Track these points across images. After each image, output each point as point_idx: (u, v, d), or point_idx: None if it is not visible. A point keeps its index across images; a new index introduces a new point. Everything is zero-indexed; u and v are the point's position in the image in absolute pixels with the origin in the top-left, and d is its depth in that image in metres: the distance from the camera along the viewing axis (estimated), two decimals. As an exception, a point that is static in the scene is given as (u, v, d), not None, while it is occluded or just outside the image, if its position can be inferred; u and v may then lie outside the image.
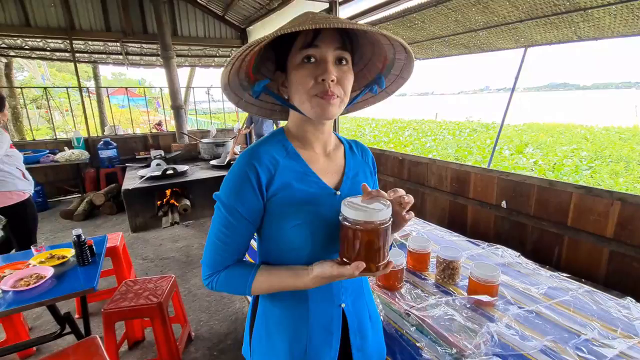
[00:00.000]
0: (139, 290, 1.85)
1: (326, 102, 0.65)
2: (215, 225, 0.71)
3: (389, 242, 0.64)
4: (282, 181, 0.69)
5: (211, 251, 0.72)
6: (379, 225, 0.59)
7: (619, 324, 1.07)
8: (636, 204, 1.67)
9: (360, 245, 0.60)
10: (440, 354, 0.94)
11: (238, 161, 0.70)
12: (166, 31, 5.09)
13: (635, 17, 2.17)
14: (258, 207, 0.69)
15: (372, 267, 0.61)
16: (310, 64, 0.64)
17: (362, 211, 0.59)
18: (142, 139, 5.90)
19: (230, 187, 0.69)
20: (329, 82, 0.63)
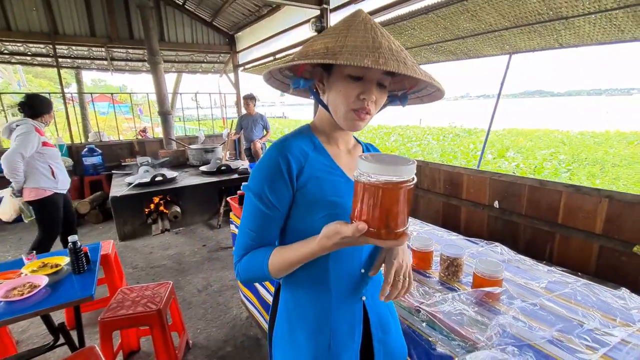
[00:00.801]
0: (136, 297, 1.80)
1: (359, 120, 0.70)
2: (247, 215, 0.73)
3: (407, 207, 0.55)
4: (311, 173, 0.71)
5: (242, 239, 0.74)
6: (395, 182, 0.51)
7: (618, 314, 1.12)
8: (623, 201, 1.77)
9: (370, 205, 0.53)
10: (454, 348, 0.96)
11: (269, 152, 0.72)
12: (153, 36, 5.03)
13: (612, 25, 2.30)
14: (288, 197, 0.70)
15: (381, 233, 0.53)
16: (356, 80, 0.67)
17: (377, 165, 0.52)
18: (127, 146, 5.77)
19: (262, 176, 0.70)
20: (368, 102, 0.68)
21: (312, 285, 0.76)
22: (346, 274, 0.76)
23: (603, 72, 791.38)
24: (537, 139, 12.45)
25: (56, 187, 2.63)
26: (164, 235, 3.94)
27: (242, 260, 0.74)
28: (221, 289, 2.75)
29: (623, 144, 10.87)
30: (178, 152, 5.49)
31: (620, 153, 9.48)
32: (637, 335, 1.02)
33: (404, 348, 0.91)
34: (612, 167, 8.04)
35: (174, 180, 4.30)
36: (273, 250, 0.70)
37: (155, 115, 5.53)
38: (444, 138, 13.52)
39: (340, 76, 0.68)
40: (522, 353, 0.86)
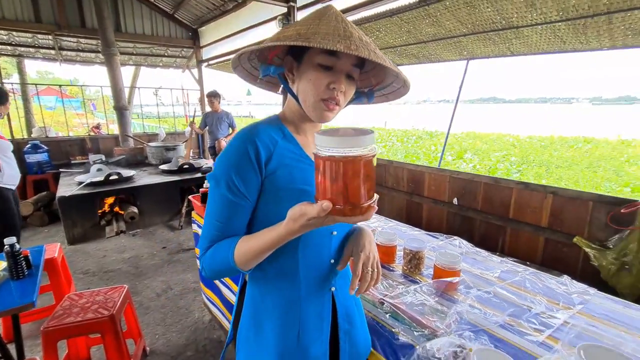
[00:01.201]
0: (85, 303, 1.66)
1: (328, 110, 0.69)
2: (212, 205, 0.69)
3: (370, 179, 0.54)
4: (280, 160, 0.70)
5: (207, 231, 0.70)
6: (354, 155, 0.49)
7: (560, 298, 1.22)
8: (565, 197, 1.94)
9: (331, 181, 0.51)
10: (416, 337, 0.99)
11: (236, 138, 0.69)
12: (108, 26, 4.71)
13: (556, 36, 2.51)
14: (257, 184, 0.68)
15: (346, 210, 0.51)
16: (327, 69, 0.67)
17: (333, 138, 0.50)
18: (78, 143, 5.35)
19: (229, 163, 0.67)
20: (338, 92, 0.67)
21: (280, 278, 0.74)
22: (316, 264, 0.75)
23: (548, 81, 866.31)
24: (492, 142, 13.32)
25: (1, 181, 2.48)
26: (119, 237, 3.70)
27: (207, 253, 0.70)
28: (182, 292, 2.63)
29: (565, 147, 11.95)
30: (136, 149, 5.18)
31: (563, 156, 10.41)
32: (577, 316, 1.12)
33: (368, 340, 0.92)
34: (555, 169, 8.79)
35: (130, 180, 4.05)
36: (239, 240, 0.67)
37: (111, 110, 5.17)
38: (408, 140, 14.01)
39: (311, 65, 0.68)
40: (477, 337, 0.90)
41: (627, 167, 8.62)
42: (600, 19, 2.15)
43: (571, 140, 13.34)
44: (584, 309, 1.16)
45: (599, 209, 1.90)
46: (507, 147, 12.12)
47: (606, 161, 9.34)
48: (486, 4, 2.34)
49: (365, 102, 0.86)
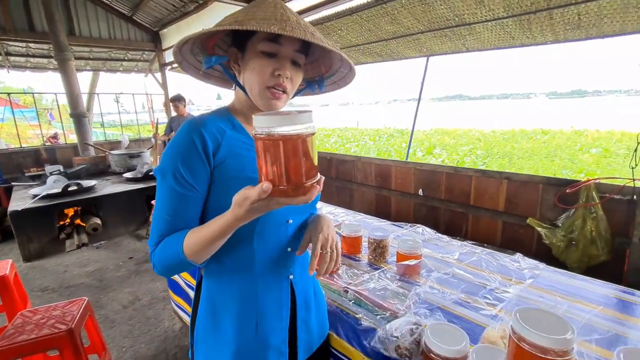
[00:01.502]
0: (41, 319, 1.56)
1: (275, 98, 0.69)
2: (161, 200, 0.67)
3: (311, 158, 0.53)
4: (229, 150, 0.69)
5: (157, 227, 0.68)
6: (291, 134, 0.49)
7: (513, 274, 1.30)
8: (518, 181, 2.06)
9: (270, 162, 0.50)
10: (377, 320, 1.01)
11: (182, 129, 0.67)
12: (60, 30, 4.45)
13: (505, 32, 2.66)
14: (205, 175, 0.67)
15: (288, 190, 0.51)
16: (270, 56, 0.67)
17: (269, 118, 0.49)
18: (32, 154, 5.02)
19: (175, 154, 0.66)
20: (283, 78, 0.67)
21: (237, 269, 0.73)
22: (272, 253, 0.75)
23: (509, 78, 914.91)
24: (459, 137, 13.86)
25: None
26: (81, 251, 3.50)
27: (157, 248, 0.68)
28: (151, 301, 2.53)
29: (525, 139, 12.66)
30: (97, 158, 4.94)
31: (523, 147, 11.02)
32: (527, 289, 1.19)
33: (324, 329, 0.93)
34: (517, 159, 9.28)
35: (91, 190, 3.85)
36: (188, 232, 0.65)
37: (70, 120, 4.89)
38: (380, 138, 14.29)
39: (254, 53, 0.67)
40: (432, 314, 0.94)
41: (580, 155, 9.26)
42: (542, 15, 2.30)
43: (530, 133, 14.16)
44: (534, 282, 1.24)
45: (548, 190, 2.04)
46: (472, 141, 12.67)
47: (562, 150, 10.00)
48: (439, 1, 2.44)
49: (317, 91, 0.87)
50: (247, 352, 0.73)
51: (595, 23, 2.29)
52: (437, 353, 0.77)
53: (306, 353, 0.85)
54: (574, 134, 13.00)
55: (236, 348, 0.72)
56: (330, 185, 3.66)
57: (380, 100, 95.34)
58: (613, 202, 1.79)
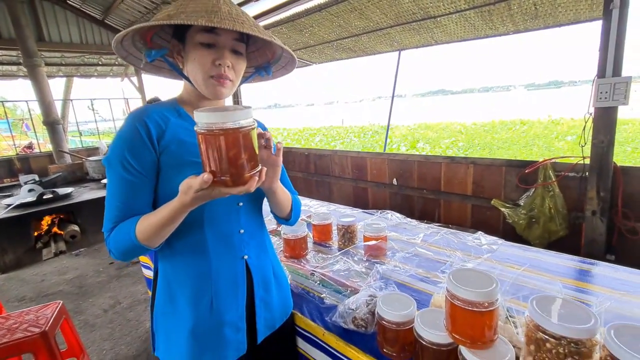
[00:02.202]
0: (13, 324, 1.55)
1: (220, 85, 0.71)
2: (111, 188, 0.70)
3: (249, 151, 0.57)
4: (174, 136, 0.72)
5: (109, 214, 0.71)
6: (230, 128, 0.52)
7: (472, 250, 1.36)
8: (483, 165, 2.15)
9: (211, 155, 0.54)
10: (339, 297, 1.06)
11: (126, 120, 0.71)
12: (28, 36, 4.35)
13: (469, 24, 2.75)
14: (151, 160, 0.70)
15: (227, 181, 0.55)
16: (209, 46, 0.69)
17: (210, 114, 0.52)
18: (5, 164, 4.88)
19: (121, 144, 0.68)
20: (224, 67, 0.70)
21: (189, 252, 0.76)
22: (224, 237, 0.78)
23: (490, 71, 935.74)
24: (441, 131, 14.12)
25: None
26: (59, 259, 3.44)
27: (111, 234, 0.70)
28: (132, 304, 2.52)
29: (504, 130, 12.99)
30: (74, 165, 4.83)
31: (503, 137, 11.32)
32: (484, 263, 1.26)
33: (287, 307, 0.96)
34: (497, 150, 9.53)
35: (68, 197, 3.78)
36: (140, 218, 0.68)
37: (45, 129, 4.77)
38: (364, 135, 14.41)
39: (193, 45, 0.70)
40: (387, 287, 0.99)
41: (556, 142, 9.57)
42: (501, 6, 2.40)
43: (510, 124, 14.53)
44: (491, 256, 1.31)
45: (510, 172, 2.13)
46: (455, 134, 12.93)
47: (539, 139, 10.32)
48: (403, -5, 2.51)
49: (266, 76, 0.91)
50: (203, 329, 0.76)
51: (551, 12, 2.40)
52: (388, 319, 0.81)
53: (267, 329, 0.88)
54: (551, 123, 13.42)
55: (193, 325, 0.75)
56: (309, 180, 3.70)
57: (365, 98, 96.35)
58: (567, 179, 1.89)
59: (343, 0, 2.68)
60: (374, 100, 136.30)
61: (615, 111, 1.66)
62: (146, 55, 0.74)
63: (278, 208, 0.86)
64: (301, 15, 3.08)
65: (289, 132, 17.99)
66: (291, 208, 0.90)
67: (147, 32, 0.73)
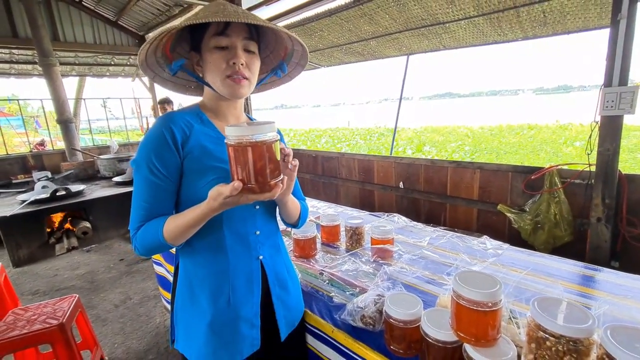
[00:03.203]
0: (32, 316, 1.62)
1: (237, 84, 0.76)
2: (138, 189, 0.75)
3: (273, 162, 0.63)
4: (197, 142, 0.77)
5: (136, 213, 0.76)
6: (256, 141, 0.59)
7: (478, 254, 1.39)
8: (490, 170, 2.17)
9: (240, 165, 0.60)
10: (348, 296, 1.10)
11: (154, 125, 0.76)
12: (44, 35, 4.46)
13: (477, 30, 2.78)
14: (176, 164, 0.75)
15: (254, 188, 0.62)
16: (222, 49, 0.75)
17: (238, 128, 0.59)
18: (19, 161, 5.01)
19: (148, 148, 0.74)
20: (239, 65, 0.75)
21: (209, 251, 0.81)
22: (241, 237, 0.83)
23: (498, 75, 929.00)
24: (448, 134, 14.07)
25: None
26: (71, 255, 3.52)
27: (138, 232, 0.76)
28: (142, 300, 2.59)
29: (512, 134, 12.92)
30: (85, 163, 4.94)
31: (510, 142, 11.26)
32: (489, 267, 1.29)
33: (300, 305, 1.01)
34: (504, 154, 9.49)
35: (80, 194, 3.87)
36: (167, 219, 0.74)
37: (57, 126, 4.88)
38: (370, 137, 14.43)
39: (209, 51, 0.75)
40: (394, 287, 1.03)
41: (564, 148, 9.50)
42: (510, 13, 2.42)
43: (517, 128, 14.44)
44: (496, 260, 1.33)
45: (517, 178, 2.15)
46: (461, 137, 12.88)
47: (547, 144, 10.25)
48: (413, 2, 2.55)
49: (284, 76, 0.95)
50: (220, 322, 0.80)
51: (559, 20, 2.42)
52: (395, 318, 0.85)
53: (289, 328, 0.93)
54: (559, 128, 13.31)
55: (211, 319, 0.80)
56: (317, 182, 3.75)
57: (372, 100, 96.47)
58: (573, 186, 1.91)
59: (353, 6, 2.73)
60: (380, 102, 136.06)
61: (621, 119, 1.69)
62: (169, 69, 0.79)
63: (287, 216, 0.92)
64: (311, 19, 3.13)
65: (295, 133, 18.08)
66: (299, 216, 0.96)
67: (166, 43, 0.77)
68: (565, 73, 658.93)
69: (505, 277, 1.19)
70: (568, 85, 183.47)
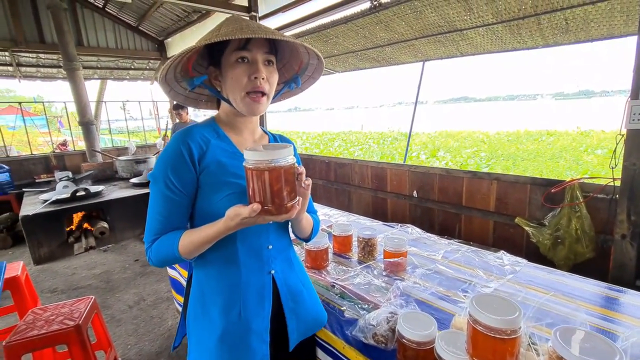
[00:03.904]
0: (50, 316, 1.66)
1: (256, 103, 0.77)
2: (154, 202, 0.77)
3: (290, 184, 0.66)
4: (213, 157, 0.78)
5: (151, 225, 0.78)
6: (274, 166, 0.61)
7: (494, 270, 1.35)
8: (507, 182, 2.11)
9: (258, 187, 0.62)
10: (359, 311, 1.08)
11: (172, 140, 0.77)
12: (69, 41, 4.63)
13: (496, 37, 2.73)
14: (192, 180, 0.76)
15: (272, 209, 0.63)
16: (244, 63, 0.76)
17: (257, 152, 0.61)
18: (42, 161, 5.18)
19: (165, 163, 0.75)
20: (260, 80, 0.75)
21: (222, 264, 0.82)
22: (254, 251, 0.83)
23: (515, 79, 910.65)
24: (463, 140, 13.83)
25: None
26: (89, 254, 3.62)
27: (153, 245, 0.77)
28: (155, 302, 2.63)
29: (530, 141, 12.59)
30: (105, 164, 5.08)
31: (528, 148, 10.96)
32: (507, 284, 1.25)
33: (320, 316, 1.00)
34: (521, 161, 9.24)
35: (99, 195, 3.98)
36: (183, 233, 0.76)
37: (78, 127, 5.05)
38: (384, 142, 14.33)
39: (229, 65, 0.76)
40: (408, 305, 1.01)
41: (585, 156, 9.18)
42: (530, 20, 2.37)
43: (535, 134, 14.06)
44: (513, 277, 1.30)
45: (535, 190, 2.09)
46: (477, 143, 12.64)
47: (567, 152, 9.93)
48: (430, 9, 2.52)
49: (296, 89, 0.95)
50: (231, 336, 0.81)
51: (582, 27, 2.34)
52: (408, 338, 0.83)
53: (300, 336, 0.93)
54: (580, 135, 12.89)
55: (222, 331, 0.80)
56: (329, 188, 3.74)
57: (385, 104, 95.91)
58: (596, 200, 1.84)
59: (369, 13, 2.72)
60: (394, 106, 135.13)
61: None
62: (189, 84, 0.80)
63: (300, 231, 0.92)
64: (327, 26, 3.14)
65: (307, 136, 18.14)
66: (311, 231, 0.96)
67: (189, 60, 0.78)
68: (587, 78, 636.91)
69: (525, 297, 1.15)
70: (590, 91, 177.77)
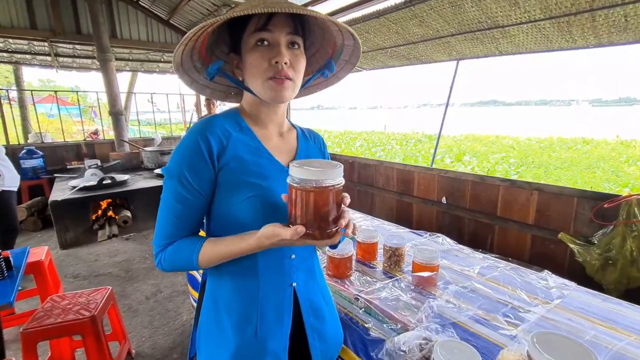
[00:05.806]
0: (67, 305, 1.65)
1: (280, 86, 0.66)
2: (166, 201, 0.69)
3: (337, 207, 0.60)
4: (234, 153, 0.69)
5: (163, 227, 0.69)
6: (324, 187, 0.55)
7: (539, 293, 1.21)
8: (550, 193, 1.93)
9: (303, 208, 0.56)
10: (387, 331, 0.97)
11: (189, 132, 0.69)
12: (103, 32, 4.76)
13: (542, 35, 2.52)
14: (209, 178, 0.68)
15: (315, 234, 0.57)
16: (263, 46, 0.66)
17: (306, 170, 0.55)
18: (74, 148, 5.37)
19: (181, 158, 0.67)
20: (282, 65, 0.65)
21: (239, 275, 0.73)
22: (275, 262, 0.74)
23: (548, 84, 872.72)
24: (490, 144, 13.30)
25: (3, 185, 2.65)
26: (111, 241, 3.69)
27: (167, 250, 0.69)
28: (172, 294, 2.62)
29: (564, 148, 11.93)
30: (131, 154, 5.20)
31: (561, 157, 10.39)
32: (554, 310, 1.10)
33: (339, 336, 0.90)
34: (554, 170, 8.76)
35: (124, 184, 4.05)
36: (205, 242, 0.67)
37: (109, 117, 5.20)
38: (407, 143, 14.03)
39: (249, 50, 0.67)
40: (444, 330, 0.89)
41: (625, 167, 8.58)
42: (584, 17, 2.15)
43: (570, 142, 13.33)
44: (561, 303, 1.14)
45: (583, 204, 1.89)
46: (505, 149, 12.12)
47: (605, 162, 9.32)
48: (470, 3, 2.35)
49: (332, 76, 0.84)
50: (245, 354, 0.72)
51: (645, 25, 2.10)
52: (446, 372, 0.72)
53: (323, 358, 0.82)
54: (620, 145, 12.10)
55: (235, 348, 0.72)
56: (352, 189, 3.63)
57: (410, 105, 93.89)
58: (658, 220, 1.63)
59: (404, 7, 2.58)
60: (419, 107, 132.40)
61: None
62: (207, 73, 0.72)
63: None
64: (357, 21, 3.02)
65: (329, 135, 18.04)
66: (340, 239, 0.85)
67: (202, 44, 0.69)
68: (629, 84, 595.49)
69: (574, 326, 1.00)
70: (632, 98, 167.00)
